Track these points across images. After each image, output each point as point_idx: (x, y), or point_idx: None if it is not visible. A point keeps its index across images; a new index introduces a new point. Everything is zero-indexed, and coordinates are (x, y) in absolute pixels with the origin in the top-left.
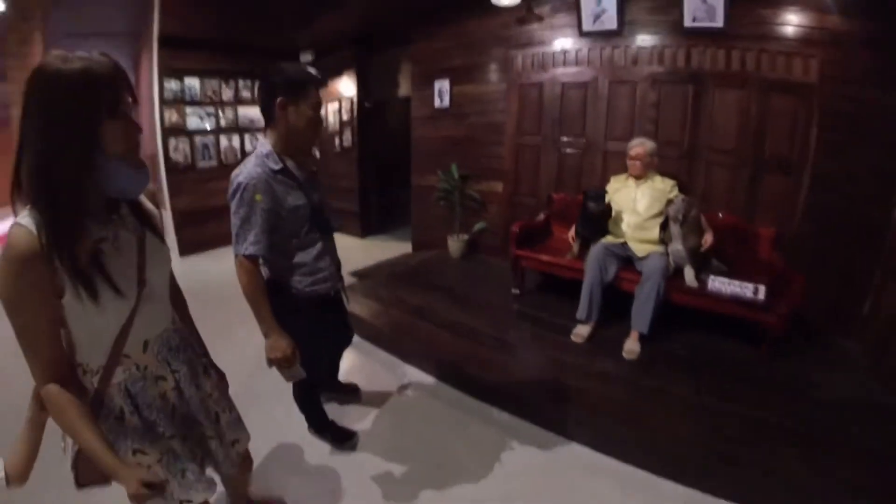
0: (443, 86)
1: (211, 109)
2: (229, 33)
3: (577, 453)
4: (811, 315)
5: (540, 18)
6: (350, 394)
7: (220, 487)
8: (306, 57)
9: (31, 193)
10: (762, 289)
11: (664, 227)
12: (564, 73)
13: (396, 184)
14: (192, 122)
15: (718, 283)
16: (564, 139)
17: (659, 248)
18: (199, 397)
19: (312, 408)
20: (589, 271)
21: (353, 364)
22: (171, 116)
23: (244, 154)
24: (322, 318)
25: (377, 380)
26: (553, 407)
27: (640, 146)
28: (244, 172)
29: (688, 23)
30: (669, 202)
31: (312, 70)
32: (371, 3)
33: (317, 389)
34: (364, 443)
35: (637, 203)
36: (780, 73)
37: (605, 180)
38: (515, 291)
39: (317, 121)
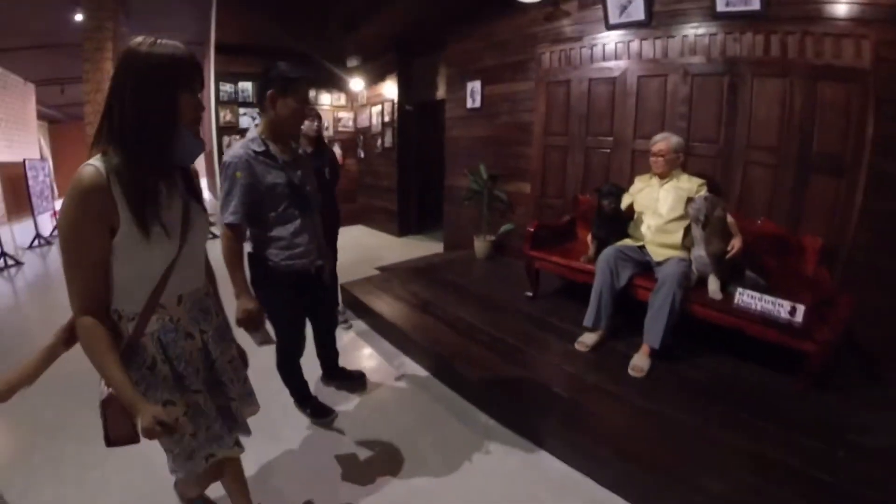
0: (474, 86)
1: None
2: (280, 41)
3: (552, 468)
4: (864, 344)
5: (567, 14)
6: (355, 381)
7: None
8: (353, 62)
9: (122, 140)
10: (801, 309)
11: (688, 231)
12: (591, 69)
13: (436, 185)
14: (245, 121)
15: (748, 298)
16: (591, 138)
17: (679, 254)
18: (223, 361)
19: (292, 379)
20: (598, 274)
21: (353, 350)
22: (226, 116)
23: None
24: (299, 293)
25: (373, 367)
26: (537, 416)
27: (663, 141)
28: (230, 153)
29: (721, 7)
30: (689, 201)
31: (303, 71)
32: (408, 8)
33: (297, 361)
34: (341, 422)
35: (659, 204)
36: (828, 57)
37: (634, 181)
38: (528, 294)
39: (300, 113)
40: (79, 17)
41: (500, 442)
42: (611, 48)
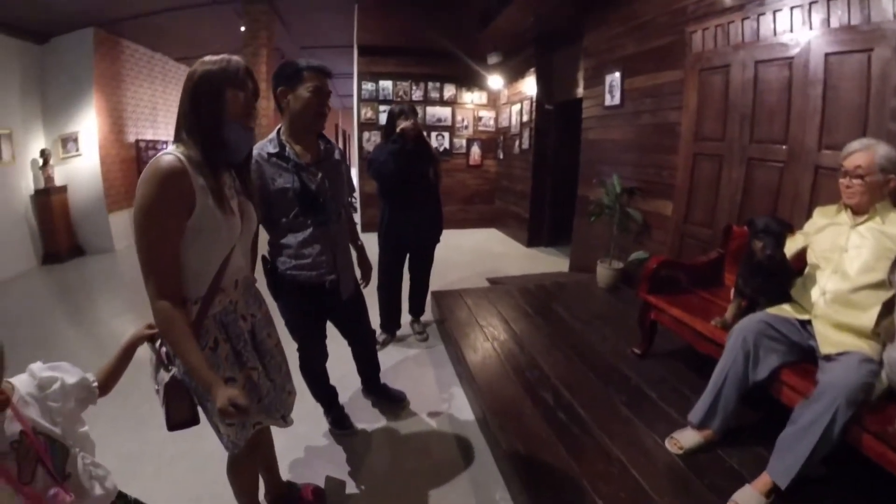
0: (613, 79)
1: None
2: (418, 39)
3: None
4: None
5: None
6: (393, 402)
7: None
8: (493, 59)
9: (189, 134)
10: None
11: (890, 310)
12: (759, 47)
13: (573, 193)
14: (384, 118)
15: None
16: (756, 146)
17: (864, 347)
18: (270, 343)
19: (313, 384)
20: (726, 354)
21: (412, 366)
22: (366, 113)
23: None
24: (312, 304)
25: (421, 391)
26: None
27: (862, 151)
28: None
29: None
30: None
31: (314, 62)
32: None
33: (318, 368)
34: (354, 442)
35: (848, 256)
36: None
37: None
38: (636, 351)
39: (314, 103)
40: (243, 29)
41: None
42: (785, 16)
